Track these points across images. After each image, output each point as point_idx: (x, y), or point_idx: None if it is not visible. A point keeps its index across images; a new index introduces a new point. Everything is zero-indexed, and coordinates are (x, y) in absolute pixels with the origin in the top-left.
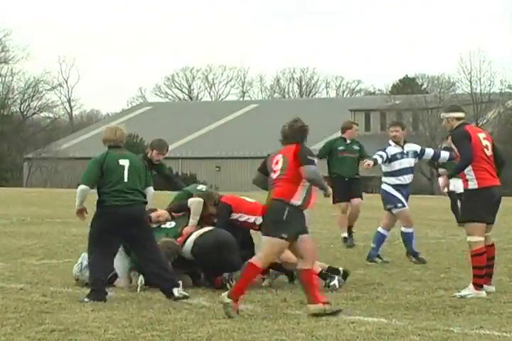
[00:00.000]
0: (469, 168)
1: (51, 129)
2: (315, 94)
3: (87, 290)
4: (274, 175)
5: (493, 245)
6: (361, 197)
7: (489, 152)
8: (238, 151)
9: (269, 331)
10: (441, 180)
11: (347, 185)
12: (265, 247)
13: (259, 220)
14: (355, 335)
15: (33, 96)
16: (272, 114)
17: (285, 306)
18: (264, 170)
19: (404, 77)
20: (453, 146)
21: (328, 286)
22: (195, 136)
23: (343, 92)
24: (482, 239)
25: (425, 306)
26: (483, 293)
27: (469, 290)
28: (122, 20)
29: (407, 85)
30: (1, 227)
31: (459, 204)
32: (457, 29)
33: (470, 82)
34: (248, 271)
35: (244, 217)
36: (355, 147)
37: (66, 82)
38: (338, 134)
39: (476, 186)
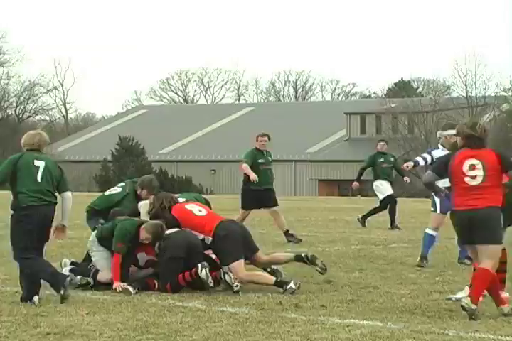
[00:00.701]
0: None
1: (46, 132)
2: (310, 97)
3: (82, 293)
4: (471, 181)
5: (504, 249)
6: None
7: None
8: (234, 154)
9: (265, 334)
10: None
11: None
12: (493, 255)
13: (207, 240)
14: (350, 338)
15: (29, 99)
16: (267, 117)
17: (280, 309)
18: (440, 171)
19: (399, 81)
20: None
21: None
22: (190, 139)
23: (339, 95)
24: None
25: (420, 309)
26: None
27: (465, 293)
28: (118, 23)
29: (402, 88)
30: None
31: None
32: (452, 32)
33: (465, 85)
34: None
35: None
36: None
37: (61, 85)
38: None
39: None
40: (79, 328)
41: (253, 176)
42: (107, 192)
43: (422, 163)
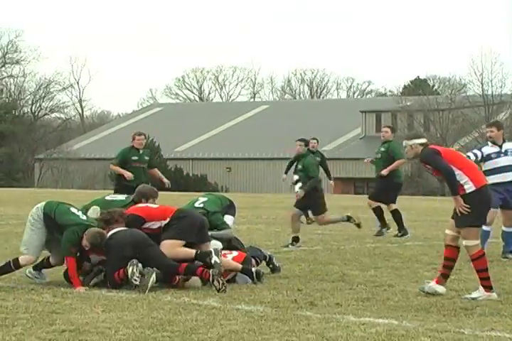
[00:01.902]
0: (459, 172)
1: (62, 130)
2: (326, 95)
3: (97, 291)
4: None
5: (457, 247)
6: None
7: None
8: (249, 152)
9: (280, 332)
10: None
11: None
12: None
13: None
14: (365, 337)
15: (45, 96)
16: (282, 115)
17: (295, 307)
18: None
19: (415, 79)
20: (427, 168)
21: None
22: (205, 137)
23: (354, 93)
24: (478, 242)
25: (436, 308)
26: (494, 295)
27: (480, 293)
28: (133, 21)
29: (418, 86)
30: (12, 228)
31: None
32: (468, 30)
33: (481, 83)
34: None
35: (156, 225)
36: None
37: (77, 82)
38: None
39: (473, 188)
40: (94, 325)
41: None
42: (109, 197)
43: (472, 158)
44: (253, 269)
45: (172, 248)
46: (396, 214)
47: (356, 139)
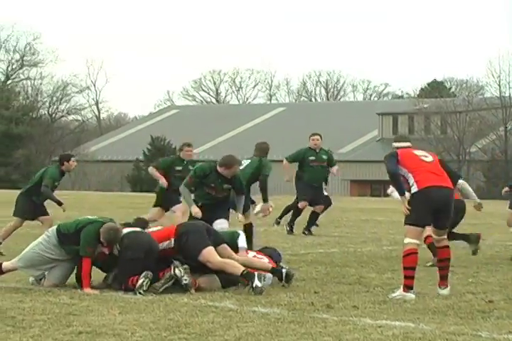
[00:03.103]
0: (410, 174)
1: (79, 132)
2: (342, 97)
3: (114, 293)
4: None
5: (445, 247)
6: None
7: (429, 159)
8: None
9: (296, 335)
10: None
11: None
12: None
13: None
14: (382, 339)
15: (62, 99)
16: (299, 118)
17: (312, 310)
18: None
19: (432, 81)
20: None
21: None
22: (222, 138)
23: (371, 96)
24: (413, 241)
25: (453, 310)
26: (410, 296)
27: (399, 292)
28: (150, 23)
29: (435, 89)
30: (28, 229)
31: None
32: (486, 32)
33: (499, 85)
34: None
35: (162, 246)
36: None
37: (94, 84)
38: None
39: (416, 189)
40: (111, 327)
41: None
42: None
43: None
44: (283, 270)
45: (213, 254)
46: None
47: (373, 141)
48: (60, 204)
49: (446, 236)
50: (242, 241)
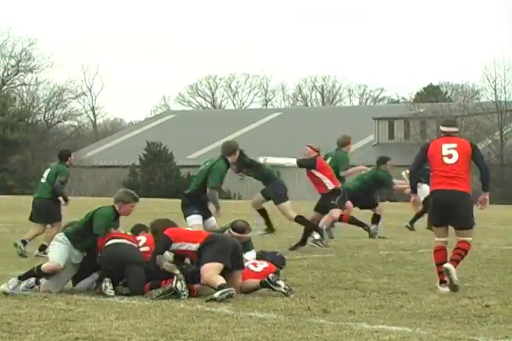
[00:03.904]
0: (431, 174)
1: (75, 137)
2: (338, 102)
3: (110, 298)
4: None
5: (463, 242)
6: None
7: (452, 160)
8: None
9: (293, 340)
10: None
11: None
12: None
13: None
14: None
15: (58, 104)
16: (295, 122)
17: (309, 315)
18: None
19: (428, 85)
20: None
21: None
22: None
23: (367, 100)
24: (437, 239)
25: (449, 315)
26: (444, 289)
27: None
28: (146, 28)
29: (431, 93)
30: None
31: None
32: (481, 37)
33: (494, 90)
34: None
35: (184, 246)
36: None
37: (90, 90)
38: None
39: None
40: (107, 333)
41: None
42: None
43: None
44: (266, 279)
45: (211, 270)
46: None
47: (369, 146)
48: (66, 200)
49: (470, 238)
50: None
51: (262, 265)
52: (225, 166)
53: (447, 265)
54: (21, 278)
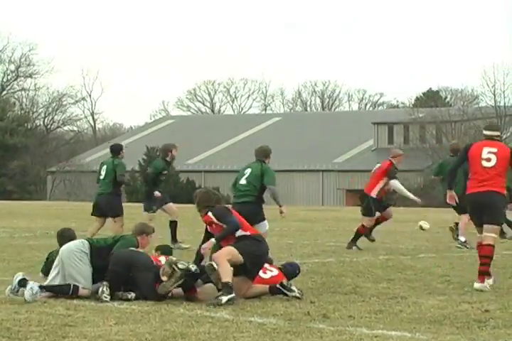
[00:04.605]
0: (469, 176)
1: (74, 142)
2: (337, 107)
3: (110, 304)
4: None
5: (488, 245)
6: None
7: (491, 163)
8: None
9: None
10: None
11: None
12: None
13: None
14: None
15: (57, 109)
16: (295, 127)
17: (308, 320)
18: None
19: (427, 90)
20: None
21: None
22: (218, 149)
23: (366, 105)
24: (479, 235)
25: (449, 320)
26: (488, 281)
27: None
28: (145, 34)
29: (430, 98)
30: (24, 240)
31: None
32: (481, 42)
33: (494, 94)
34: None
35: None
36: None
37: (89, 95)
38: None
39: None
40: (107, 338)
41: None
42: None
43: None
44: (279, 285)
45: (230, 255)
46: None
47: (368, 151)
48: (129, 185)
49: (493, 235)
50: None
51: (272, 272)
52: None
53: (477, 286)
54: (42, 288)
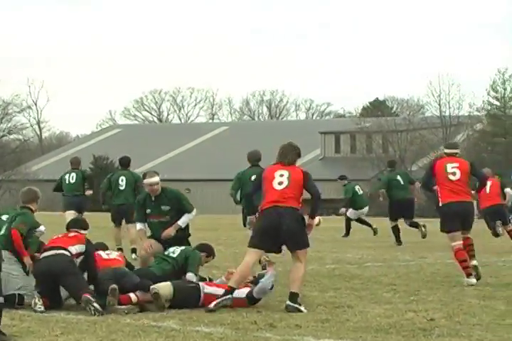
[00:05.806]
0: (438, 188)
1: (20, 151)
2: (285, 116)
3: (56, 313)
4: None
5: (467, 238)
6: None
7: (455, 177)
8: (209, 173)
9: None
10: None
11: None
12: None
13: None
14: None
15: (2, 118)
16: (242, 137)
17: (255, 329)
18: None
19: (374, 100)
20: None
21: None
22: (165, 158)
23: (313, 115)
24: (454, 243)
25: (395, 329)
26: (472, 280)
27: (465, 280)
28: (91, 42)
29: (376, 108)
30: None
31: None
32: (426, 52)
33: (439, 104)
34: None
35: None
36: None
37: (35, 104)
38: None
39: (441, 203)
40: None
41: None
42: None
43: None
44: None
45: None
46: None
47: (315, 160)
48: None
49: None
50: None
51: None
52: None
53: (475, 262)
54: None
